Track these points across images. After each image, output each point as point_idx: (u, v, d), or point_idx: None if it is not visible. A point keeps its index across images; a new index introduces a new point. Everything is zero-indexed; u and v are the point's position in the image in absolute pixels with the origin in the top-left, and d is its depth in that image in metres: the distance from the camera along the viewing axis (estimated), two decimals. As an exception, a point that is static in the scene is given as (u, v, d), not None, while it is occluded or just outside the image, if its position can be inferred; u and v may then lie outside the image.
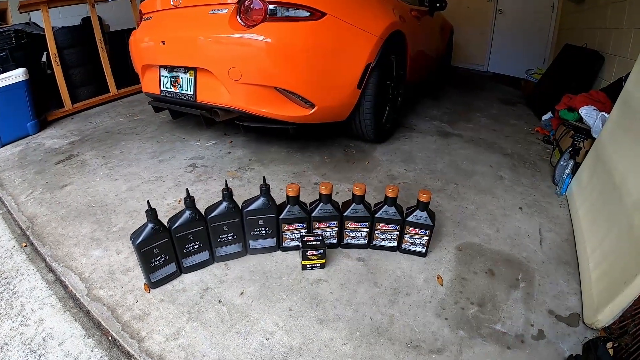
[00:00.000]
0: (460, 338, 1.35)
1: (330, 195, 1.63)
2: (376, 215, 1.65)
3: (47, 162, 2.67)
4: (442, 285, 1.59)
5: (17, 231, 1.96)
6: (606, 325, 1.36)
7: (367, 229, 1.70)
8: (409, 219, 1.64)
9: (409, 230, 1.66)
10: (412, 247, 1.71)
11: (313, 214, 1.64)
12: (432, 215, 1.64)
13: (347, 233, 1.71)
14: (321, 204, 1.63)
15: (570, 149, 2.42)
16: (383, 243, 1.73)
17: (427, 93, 4.61)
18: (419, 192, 1.60)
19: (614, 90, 2.73)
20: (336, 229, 1.70)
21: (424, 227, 1.64)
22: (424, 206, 1.61)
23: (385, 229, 1.68)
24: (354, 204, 1.63)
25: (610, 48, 3.62)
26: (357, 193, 1.60)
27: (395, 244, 1.73)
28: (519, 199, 2.28)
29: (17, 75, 3.04)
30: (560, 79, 4.00)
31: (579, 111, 2.78)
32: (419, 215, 1.62)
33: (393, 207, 1.63)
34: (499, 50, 6.53)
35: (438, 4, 3.88)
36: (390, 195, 1.60)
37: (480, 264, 1.72)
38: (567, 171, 2.31)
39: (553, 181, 2.48)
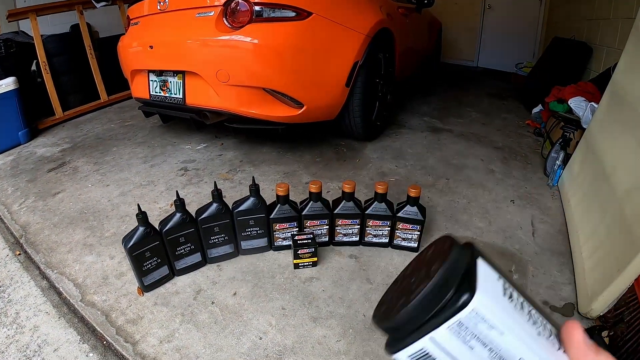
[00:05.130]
0: (452, 331, 1.36)
1: (319, 193, 1.63)
2: (366, 212, 1.66)
3: (39, 170, 2.66)
4: (434, 279, 1.59)
5: (10, 240, 1.96)
6: (601, 314, 1.36)
7: (358, 226, 1.70)
8: (399, 214, 1.64)
9: (400, 225, 1.67)
10: (403, 243, 1.72)
11: (303, 213, 1.65)
12: (422, 210, 1.65)
13: (338, 230, 1.71)
14: (311, 202, 1.64)
15: (561, 140, 2.43)
16: (374, 239, 1.74)
17: (417, 90, 4.63)
18: (409, 187, 1.61)
19: (602, 81, 2.74)
20: (327, 226, 1.70)
21: (414, 222, 1.65)
22: (413, 201, 1.62)
23: (376, 225, 1.69)
24: (344, 201, 1.64)
25: (598, 39, 3.64)
26: (346, 190, 1.61)
27: (386, 240, 1.74)
28: (511, 191, 2.29)
29: (7, 84, 3.03)
30: (549, 72, 4.02)
31: (569, 102, 2.80)
32: (409, 211, 1.63)
33: (383, 203, 1.64)
34: (488, 46, 6.55)
35: (425, 1, 3.89)
36: (379, 191, 1.61)
37: (473, 257, 1.73)
38: (558, 162, 2.32)
39: (545, 173, 2.49)
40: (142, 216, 1.41)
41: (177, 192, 1.52)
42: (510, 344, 0.29)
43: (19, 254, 1.83)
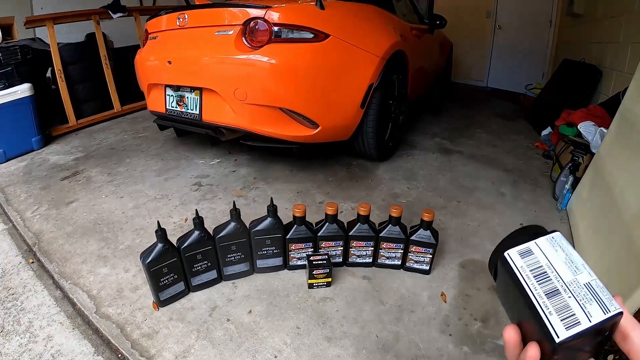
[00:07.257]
0: (464, 353, 1.37)
1: (335, 215, 1.65)
2: (381, 235, 1.68)
3: (52, 178, 2.69)
4: (445, 302, 1.61)
5: (23, 247, 1.98)
6: (608, 339, 1.37)
7: (372, 248, 1.72)
8: (412, 237, 1.66)
9: (413, 248, 1.68)
10: (416, 265, 1.74)
11: (319, 234, 1.67)
12: (435, 233, 1.67)
13: (352, 252, 1.73)
14: (327, 223, 1.66)
15: (570, 164, 2.45)
16: (388, 261, 1.75)
17: (428, 109, 4.66)
18: (423, 211, 1.63)
19: (612, 105, 2.76)
20: (342, 248, 1.72)
21: (427, 245, 1.66)
22: (427, 225, 1.64)
23: (389, 248, 1.70)
24: (359, 223, 1.66)
25: (607, 62, 3.66)
26: (362, 213, 1.63)
27: (399, 262, 1.75)
28: (520, 214, 2.30)
29: (22, 90, 3.08)
30: (559, 94, 4.04)
31: (578, 127, 2.81)
32: (423, 234, 1.65)
33: (397, 227, 1.66)
34: (498, 66, 6.58)
35: (438, 22, 3.94)
36: (394, 214, 1.63)
37: (483, 280, 1.74)
38: (567, 186, 2.33)
39: (553, 196, 2.50)
40: (161, 233, 1.43)
41: (196, 210, 1.54)
42: (578, 258, 0.45)
43: (32, 262, 1.85)
